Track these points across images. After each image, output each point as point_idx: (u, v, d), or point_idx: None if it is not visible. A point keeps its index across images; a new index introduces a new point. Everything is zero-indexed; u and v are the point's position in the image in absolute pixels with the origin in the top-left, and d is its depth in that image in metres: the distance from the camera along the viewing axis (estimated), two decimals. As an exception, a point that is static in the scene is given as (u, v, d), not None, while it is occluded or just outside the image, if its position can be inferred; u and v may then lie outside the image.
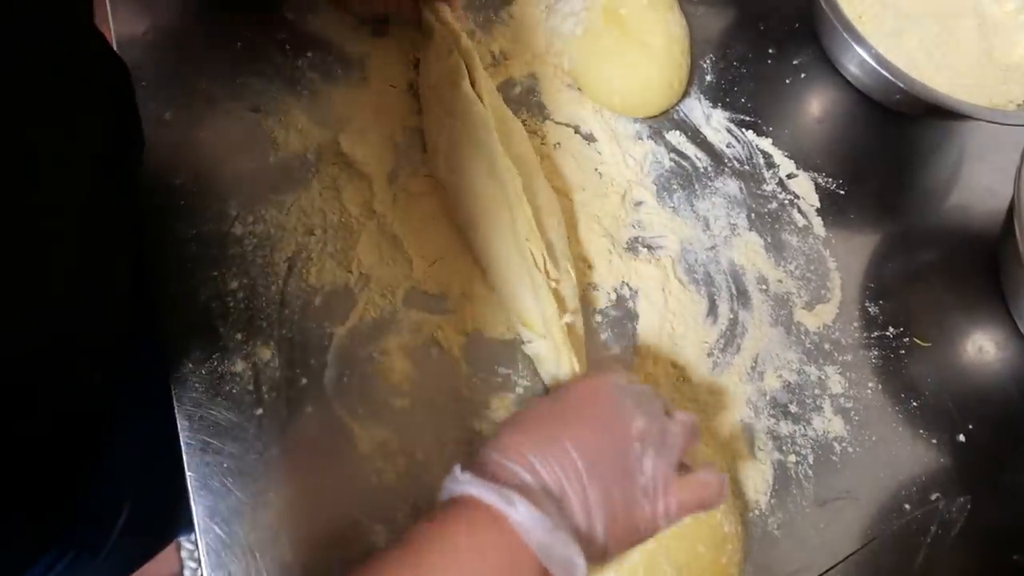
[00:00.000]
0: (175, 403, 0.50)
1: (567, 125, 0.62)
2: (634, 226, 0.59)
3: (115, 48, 0.58)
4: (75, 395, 0.43)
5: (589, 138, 0.62)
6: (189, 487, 0.48)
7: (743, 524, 0.49)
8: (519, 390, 0.53)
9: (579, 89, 0.63)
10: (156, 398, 0.50)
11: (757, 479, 0.52)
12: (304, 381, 0.51)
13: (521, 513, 0.36)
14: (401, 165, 0.58)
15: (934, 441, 0.55)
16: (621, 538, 0.39)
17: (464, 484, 0.38)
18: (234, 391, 0.50)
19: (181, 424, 0.49)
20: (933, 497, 0.53)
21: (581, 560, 0.36)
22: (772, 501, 0.52)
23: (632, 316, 0.56)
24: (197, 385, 0.50)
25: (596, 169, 0.60)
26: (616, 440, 0.39)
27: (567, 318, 0.50)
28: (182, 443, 0.49)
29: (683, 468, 0.42)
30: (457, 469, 0.39)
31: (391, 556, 0.37)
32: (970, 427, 0.56)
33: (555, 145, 0.61)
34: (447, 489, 0.39)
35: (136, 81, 0.54)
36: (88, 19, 0.43)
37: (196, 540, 0.47)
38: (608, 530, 0.38)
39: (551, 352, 0.50)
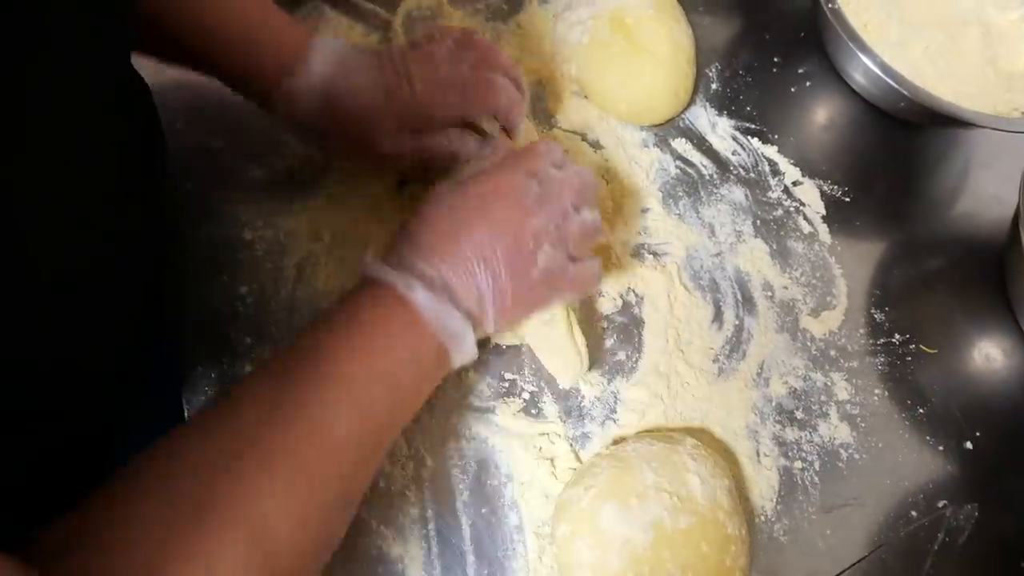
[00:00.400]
0: (184, 406, 0.51)
1: (574, 132, 0.63)
2: (640, 232, 0.59)
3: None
4: (93, 404, 0.44)
5: (595, 145, 0.62)
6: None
7: (749, 529, 0.49)
8: (525, 395, 0.53)
9: (585, 97, 0.64)
10: (168, 404, 0.51)
11: (763, 485, 0.52)
12: (312, 385, 0.52)
13: (418, 294, 0.41)
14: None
15: (941, 448, 0.55)
16: (513, 315, 0.45)
17: (372, 268, 0.43)
18: (243, 395, 0.51)
19: (190, 427, 0.50)
20: (940, 504, 0.53)
21: (469, 333, 0.43)
22: (778, 507, 0.52)
23: (638, 322, 0.56)
24: (207, 389, 0.51)
25: (602, 176, 0.61)
26: (509, 237, 0.44)
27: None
28: (191, 446, 0.49)
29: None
30: (368, 255, 0.44)
31: (308, 336, 0.41)
32: (977, 434, 0.56)
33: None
34: (360, 273, 0.44)
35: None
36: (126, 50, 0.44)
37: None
38: (498, 311, 0.44)
39: (559, 342, 0.51)
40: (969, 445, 0.55)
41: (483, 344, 0.54)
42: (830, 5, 0.60)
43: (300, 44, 0.51)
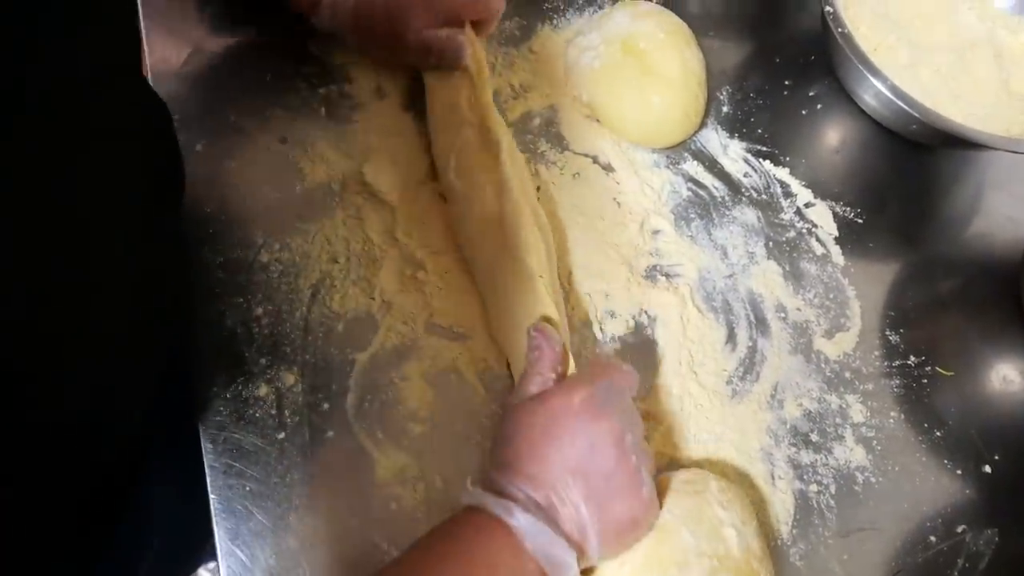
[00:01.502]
0: (199, 426, 0.51)
1: (586, 155, 0.63)
2: (652, 254, 0.60)
3: (150, 82, 0.60)
4: (117, 434, 0.44)
5: (607, 168, 0.63)
6: (212, 509, 0.48)
7: (773, 562, 0.48)
8: (538, 416, 0.53)
9: (597, 120, 0.64)
10: (183, 424, 0.51)
11: (778, 508, 0.52)
12: (326, 406, 0.52)
13: (519, 520, 0.41)
14: (423, 194, 0.59)
15: (959, 472, 0.54)
16: (617, 539, 0.44)
17: (473, 497, 0.43)
18: (258, 415, 0.51)
19: (205, 447, 0.50)
20: (959, 529, 0.52)
21: (573, 561, 0.41)
22: (794, 531, 0.51)
23: (650, 344, 0.56)
24: (222, 409, 0.51)
25: (614, 198, 0.61)
26: (602, 449, 0.43)
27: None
28: (206, 466, 0.50)
29: None
30: (468, 482, 0.44)
31: (407, 562, 0.41)
32: (996, 458, 0.55)
33: (574, 175, 0.62)
34: (461, 501, 0.44)
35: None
36: (137, 67, 0.45)
37: (217, 564, 0.48)
38: (602, 535, 0.42)
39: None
40: (988, 469, 0.54)
41: (496, 366, 0.54)
42: (840, 29, 0.61)
43: None
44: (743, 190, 0.63)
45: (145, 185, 0.43)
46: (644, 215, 0.61)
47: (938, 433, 0.55)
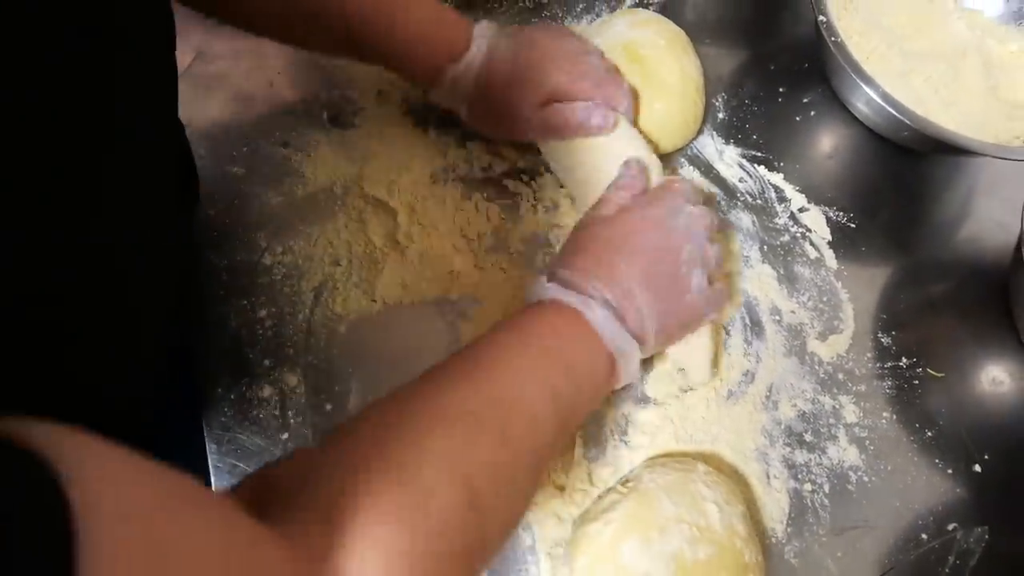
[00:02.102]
0: (204, 427, 0.52)
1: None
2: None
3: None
4: (128, 431, 0.45)
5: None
6: (217, 509, 0.49)
7: (762, 551, 0.50)
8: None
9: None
10: (188, 426, 0.52)
11: (773, 508, 0.53)
12: (329, 407, 0.53)
13: (596, 313, 0.46)
14: (425, 197, 0.60)
15: (950, 471, 0.55)
16: (672, 335, 0.52)
17: (549, 291, 0.47)
18: (261, 416, 0.52)
19: (209, 447, 0.51)
20: (950, 527, 0.53)
21: (637, 352, 0.48)
22: (788, 530, 0.52)
23: (648, 345, 0.57)
24: (226, 410, 0.52)
25: (612, 203, 0.62)
26: (667, 265, 0.50)
27: None
28: (210, 466, 0.51)
29: None
30: (543, 278, 0.48)
31: (485, 349, 0.44)
32: (986, 457, 0.56)
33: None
34: (532, 293, 0.48)
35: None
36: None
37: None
38: (657, 334, 0.49)
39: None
40: (978, 468, 0.56)
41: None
42: (833, 38, 0.62)
43: (466, 35, 0.57)
44: (738, 195, 0.64)
45: (166, 187, 0.44)
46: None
47: (929, 433, 0.56)
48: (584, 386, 0.45)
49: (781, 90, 0.70)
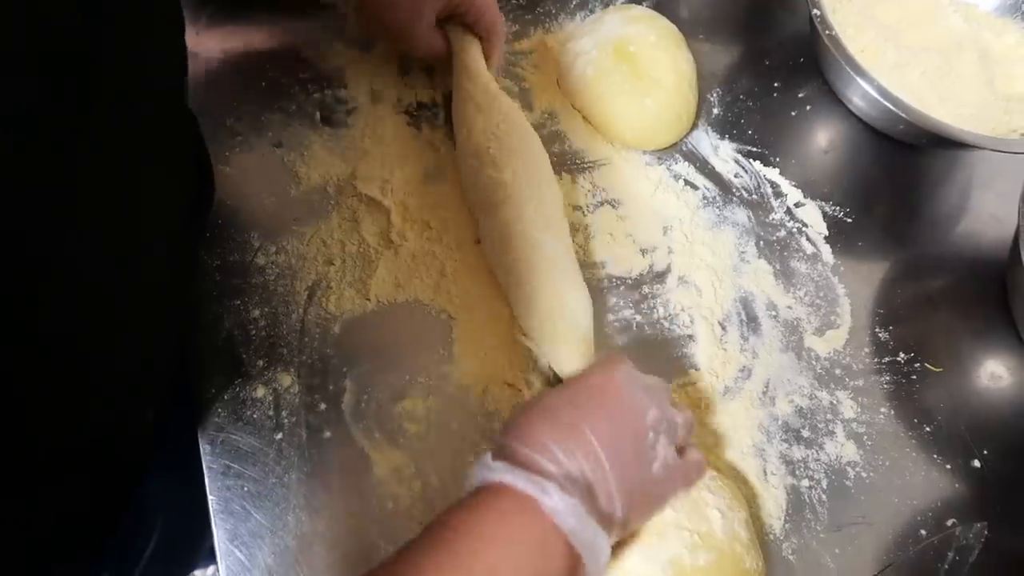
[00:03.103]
0: (198, 428, 0.51)
1: (577, 157, 0.64)
2: (643, 254, 0.60)
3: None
4: (133, 433, 0.45)
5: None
6: (211, 510, 0.49)
7: (763, 557, 0.49)
8: (533, 415, 0.54)
9: (591, 124, 0.65)
10: (181, 422, 0.52)
11: (771, 504, 0.52)
12: (323, 406, 0.52)
13: (554, 499, 0.38)
14: (418, 196, 0.60)
15: (948, 467, 0.55)
16: (638, 517, 0.43)
17: (497, 472, 0.39)
18: (255, 416, 0.52)
19: (203, 448, 0.51)
20: (949, 523, 0.53)
21: (606, 543, 0.39)
22: (786, 526, 0.52)
23: (642, 342, 0.57)
24: (220, 410, 0.52)
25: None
26: (632, 429, 0.42)
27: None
28: (204, 467, 0.50)
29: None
30: (488, 457, 0.41)
31: (426, 543, 0.38)
32: (985, 452, 0.56)
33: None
34: (477, 477, 0.40)
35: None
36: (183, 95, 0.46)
37: (217, 564, 0.48)
38: (626, 512, 0.41)
39: (577, 349, 0.52)
40: (976, 463, 0.55)
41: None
42: (827, 32, 0.62)
43: None
44: (734, 190, 0.64)
45: (183, 190, 0.44)
46: (636, 216, 0.62)
47: (927, 428, 0.56)
48: None
49: (776, 85, 0.70)
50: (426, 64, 0.66)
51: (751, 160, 0.66)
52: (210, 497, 0.49)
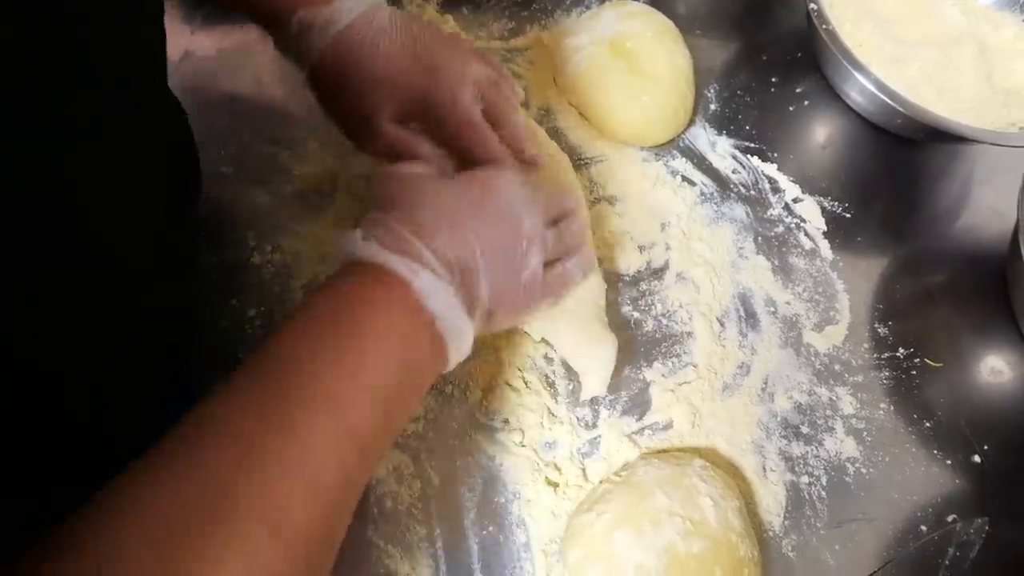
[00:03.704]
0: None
1: (577, 154, 0.64)
2: (641, 250, 0.60)
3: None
4: (128, 432, 0.44)
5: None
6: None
7: (760, 548, 0.49)
8: (531, 412, 0.53)
9: (588, 120, 0.65)
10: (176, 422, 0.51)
11: (770, 501, 0.52)
12: (320, 406, 0.52)
13: (425, 282, 0.38)
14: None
15: (949, 462, 0.55)
16: (503, 318, 0.44)
17: (368, 251, 0.38)
18: (252, 416, 0.51)
19: (200, 449, 0.50)
20: (950, 519, 0.53)
21: (471, 331, 0.40)
22: (786, 523, 0.52)
23: (640, 339, 0.57)
24: (216, 410, 0.51)
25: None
26: (508, 234, 0.43)
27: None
28: (201, 467, 0.50)
29: None
30: (359, 233, 0.39)
31: (291, 333, 0.37)
32: (985, 447, 0.55)
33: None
34: (348, 252, 0.39)
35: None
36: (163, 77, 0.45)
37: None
38: (492, 311, 0.42)
39: (593, 332, 0.52)
40: (977, 458, 0.55)
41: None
42: (824, 26, 0.61)
43: None
44: (732, 186, 0.64)
45: (165, 181, 0.44)
46: (634, 212, 0.61)
47: (928, 424, 0.56)
48: (410, 381, 0.38)
49: (774, 80, 0.69)
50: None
51: (749, 156, 0.65)
52: (207, 497, 0.49)
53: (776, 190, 0.64)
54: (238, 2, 0.50)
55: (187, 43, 0.65)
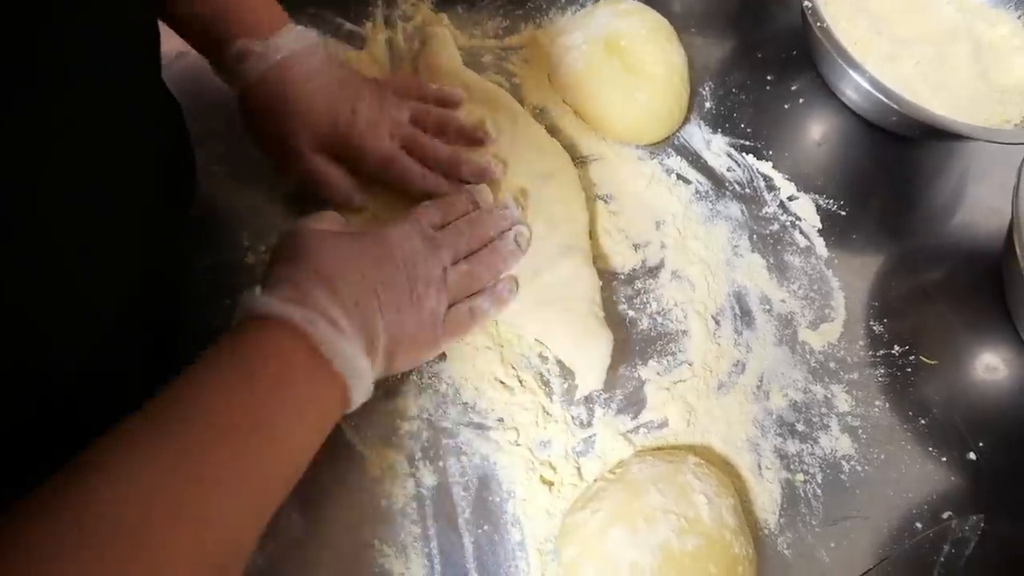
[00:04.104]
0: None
1: (573, 152, 0.63)
2: (636, 249, 0.60)
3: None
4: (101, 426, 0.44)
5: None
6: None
7: (755, 546, 0.49)
8: (526, 411, 0.53)
9: (582, 118, 0.65)
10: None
11: (765, 499, 0.52)
12: (314, 405, 0.52)
13: (320, 329, 0.39)
14: (407, 193, 0.60)
15: (944, 459, 0.55)
16: (403, 359, 0.47)
17: (267, 304, 0.40)
18: (246, 416, 0.51)
19: (194, 449, 0.50)
20: (945, 516, 0.53)
21: (369, 371, 0.42)
22: (781, 521, 0.52)
23: (635, 336, 0.57)
24: (210, 410, 0.51)
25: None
26: (402, 280, 0.46)
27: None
28: (195, 468, 0.50)
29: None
30: (257, 290, 0.41)
31: (190, 383, 0.37)
32: (980, 445, 0.55)
33: (559, 172, 0.62)
34: (244, 308, 0.41)
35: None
36: (156, 70, 0.46)
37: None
38: (389, 353, 0.44)
39: (588, 327, 0.53)
40: (972, 456, 0.55)
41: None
42: (819, 24, 0.61)
43: (279, 22, 0.53)
44: (727, 184, 0.64)
45: (157, 183, 0.44)
46: (629, 211, 0.61)
47: (923, 421, 0.56)
48: (314, 422, 0.40)
49: (769, 78, 0.69)
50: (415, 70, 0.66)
51: (744, 154, 0.65)
52: (201, 498, 0.49)
53: (771, 188, 0.64)
54: (184, 29, 0.53)
55: (180, 43, 0.64)
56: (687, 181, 0.63)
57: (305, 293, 0.41)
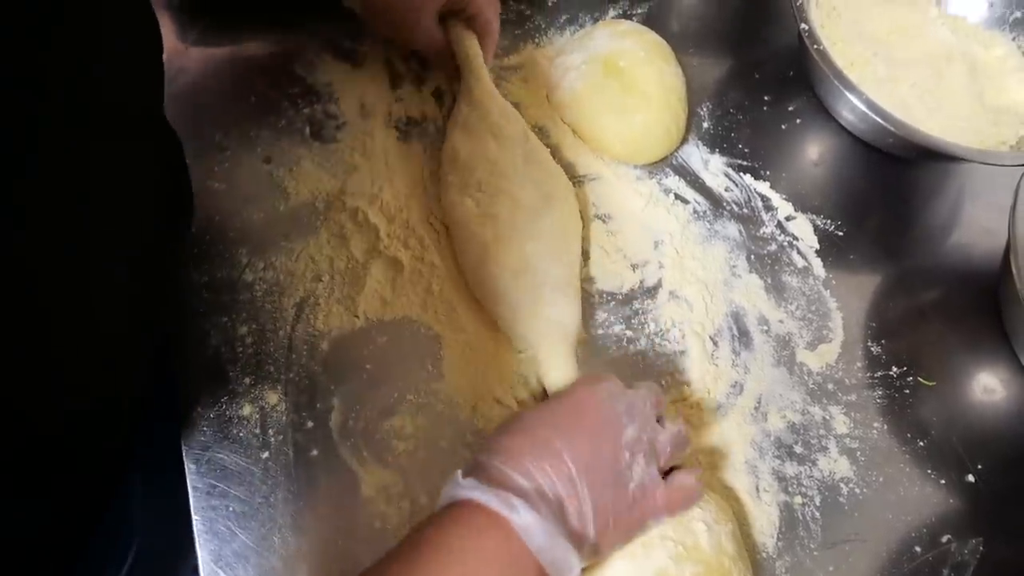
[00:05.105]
0: (183, 446, 0.51)
1: (571, 172, 0.64)
2: (634, 269, 0.60)
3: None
4: (104, 447, 0.44)
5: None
6: (195, 530, 0.48)
7: (753, 570, 0.49)
8: (523, 432, 0.53)
9: (581, 139, 0.65)
10: (166, 440, 0.51)
11: (763, 521, 0.52)
12: (310, 424, 0.52)
13: (523, 517, 0.38)
14: (408, 210, 0.60)
15: (943, 482, 0.55)
16: (612, 539, 0.42)
17: (467, 489, 0.39)
18: (241, 435, 0.51)
19: (188, 467, 0.50)
20: (944, 539, 0.52)
21: (577, 562, 0.39)
22: (779, 544, 0.51)
23: (633, 357, 0.56)
24: (205, 428, 0.51)
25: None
26: (608, 448, 0.42)
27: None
28: (189, 486, 0.50)
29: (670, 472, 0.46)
30: (459, 474, 0.41)
31: (394, 559, 0.38)
32: (979, 467, 0.55)
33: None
34: (447, 494, 0.41)
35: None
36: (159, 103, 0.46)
37: (200, 586, 0.47)
38: (599, 533, 0.41)
39: (565, 361, 0.52)
40: (971, 478, 0.55)
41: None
42: (816, 46, 0.62)
43: None
44: (724, 204, 0.64)
45: (156, 208, 0.44)
46: (627, 230, 0.61)
47: (921, 443, 0.56)
48: None
49: (766, 99, 0.70)
50: (419, 73, 0.66)
51: (741, 174, 0.65)
52: (194, 517, 0.49)
53: (769, 208, 0.64)
54: None
55: (181, 60, 0.65)
56: (685, 201, 0.64)
57: (503, 476, 0.40)
